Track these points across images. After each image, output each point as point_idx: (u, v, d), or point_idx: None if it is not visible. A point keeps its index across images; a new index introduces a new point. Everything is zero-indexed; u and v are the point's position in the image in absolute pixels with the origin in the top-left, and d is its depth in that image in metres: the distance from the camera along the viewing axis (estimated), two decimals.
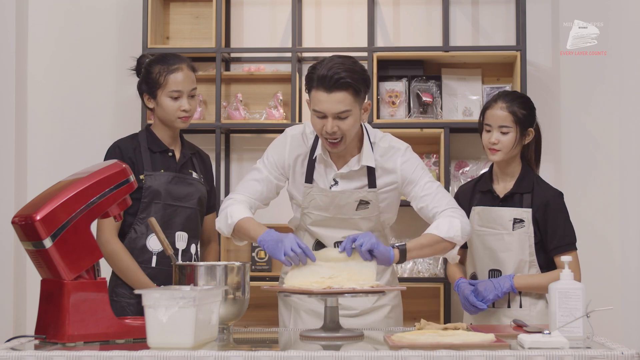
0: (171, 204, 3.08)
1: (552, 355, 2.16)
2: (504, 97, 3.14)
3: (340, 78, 2.75)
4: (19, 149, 4.39)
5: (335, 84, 2.75)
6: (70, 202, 2.41)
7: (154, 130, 3.17)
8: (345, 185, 2.96)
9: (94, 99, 4.52)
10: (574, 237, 3.09)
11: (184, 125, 3.13)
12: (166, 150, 3.15)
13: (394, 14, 4.54)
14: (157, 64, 3.11)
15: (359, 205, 2.95)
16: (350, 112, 2.79)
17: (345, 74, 2.76)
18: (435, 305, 4.23)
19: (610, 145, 4.37)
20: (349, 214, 2.96)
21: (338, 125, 2.80)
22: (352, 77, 2.77)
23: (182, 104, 3.09)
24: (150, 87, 3.10)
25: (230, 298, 2.59)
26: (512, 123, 3.09)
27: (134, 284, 3.02)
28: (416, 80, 4.41)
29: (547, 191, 3.11)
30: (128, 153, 3.09)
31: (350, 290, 2.55)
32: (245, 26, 4.58)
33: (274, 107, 4.40)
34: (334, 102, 2.77)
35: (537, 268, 3.08)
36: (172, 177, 3.10)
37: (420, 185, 2.96)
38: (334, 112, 2.78)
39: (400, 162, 2.97)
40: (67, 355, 2.17)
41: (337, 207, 2.96)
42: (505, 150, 3.09)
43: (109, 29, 4.53)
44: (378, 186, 2.95)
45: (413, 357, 2.14)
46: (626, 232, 4.30)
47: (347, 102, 2.78)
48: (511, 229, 3.08)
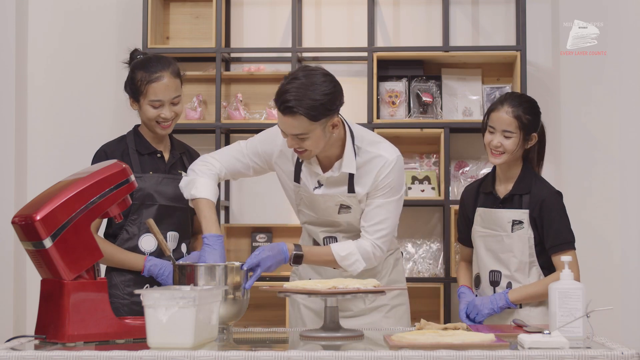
0: (162, 204, 3.08)
1: (552, 355, 2.16)
2: (511, 101, 3.10)
3: (288, 106, 2.67)
4: (19, 149, 4.39)
5: (286, 110, 2.68)
6: (70, 202, 2.40)
7: (141, 131, 3.16)
8: (327, 188, 2.92)
9: (94, 98, 4.52)
10: (571, 236, 3.08)
11: (165, 132, 3.10)
12: (154, 152, 3.14)
13: (394, 14, 4.54)
14: (139, 69, 3.06)
15: (340, 209, 2.93)
16: (306, 134, 2.72)
17: (295, 102, 2.66)
18: (435, 305, 4.23)
19: (610, 145, 4.37)
20: (332, 217, 2.96)
21: (298, 143, 2.75)
22: (302, 104, 2.66)
23: (162, 111, 3.05)
24: (133, 92, 3.08)
25: (230, 298, 2.59)
26: (516, 129, 3.06)
27: (125, 264, 3.01)
28: (416, 80, 4.41)
29: (544, 190, 3.10)
30: (115, 156, 3.05)
31: (351, 290, 2.55)
32: (245, 26, 4.58)
33: (274, 107, 4.39)
34: (288, 125, 2.71)
35: (538, 268, 3.08)
36: (161, 178, 3.09)
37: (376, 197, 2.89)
38: (289, 133, 2.73)
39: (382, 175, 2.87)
40: (67, 355, 2.17)
41: (321, 209, 2.96)
42: (507, 154, 3.08)
43: (108, 29, 4.53)
44: (358, 191, 2.89)
45: (413, 357, 2.14)
46: (626, 232, 4.30)
47: (302, 127, 2.69)
48: (510, 230, 3.08)
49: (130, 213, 3.04)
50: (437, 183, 4.33)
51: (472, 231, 3.20)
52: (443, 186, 4.25)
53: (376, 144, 2.93)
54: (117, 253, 3.02)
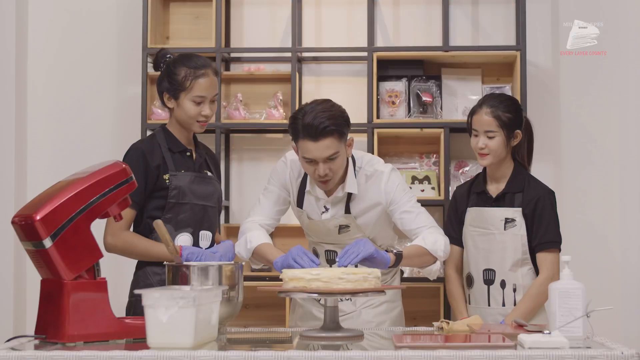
0: (197, 203, 3.07)
1: (552, 355, 2.16)
2: (489, 102, 3.15)
3: (325, 127, 2.87)
4: (19, 149, 4.39)
5: (322, 132, 2.87)
6: (70, 202, 2.40)
7: (170, 130, 3.13)
8: (333, 211, 3.09)
9: (94, 98, 4.52)
10: (557, 236, 3.11)
11: (201, 130, 3.10)
12: (184, 150, 3.12)
13: (394, 14, 4.54)
14: (182, 65, 3.04)
15: (340, 230, 3.08)
16: (338, 153, 2.92)
17: (329, 121, 2.88)
18: (435, 305, 4.23)
19: (610, 144, 4.37)
20: (333, 237, 3.10)
21: (329, 167, 2.93)
22: (335, 123, 2.89)
23: (203, 109, 3.04)
24: (174, 88, 3.04)
25: (224, 298, 2.58)
26: (497, 127, 3.10)
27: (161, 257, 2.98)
28: (416, 80, 4.41)
29: (537, 189, 3.13)
30: (153, 155, 3.04)
31: (351, 290, 2.55)
32: (245, 26, 4.58)
33: (274, 107, 4.40)
34: (323, 148, 2.89)
35: (531, 266, 3.11)
36: (194, 177, 3.08)
37: (401, 204, 3.06)
38: (324, 157, 2.91)
39: (383, 184, 3.06)
40: (67, 355, 2.17)
41: (322, 233, 3.11)
42: (493, 154, 3.12)
43: (108, 29, 4.53)
44: (362, 209, 3.06)
45: (413, 357, 2.14)
46: (626, 232, 4.30)
47: (334, 146, 2.90)
48: (503, 228, 3.10)
49: (165, 211, 3.02)
50: (437, 183, 4.34)
51: (464, 231, 3.22)
52: (443, 186, 4.25)
53: (371, 162, 3.13)
54: (152, 246, 3.00)
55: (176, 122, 3.11)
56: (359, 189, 3.06)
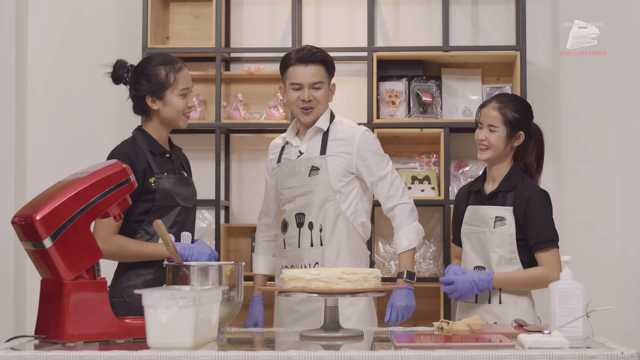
0: (180, 205, 3.09)
1: (552, 355, 2.16)
2: (499, 98, 3.23)
3: (315, 54, 3.33)
4: (19, 149, 4.39)
5: (312, 57, 3.31)
6: (70, 202, 2.41)
7: (149, 132, 3.15)
8: (307, 155, 3.37)
9: (94, 98, 4.51)
10: (554, 235, 3.12)
11: (185, 124, 3.18)
12: (164, 152, 3.14)
13: (393, 14, 4.54)
14: (157, 64, 3.10)
15: (310, 171, 3.32)
16: (322, 83, 3.34)
17: (319, 53, 3.35)
18: (435, 305, 4.23)
19: (609, 144, 4.37)
20: (304, 181, 3.33)
21: (313, 94, 3.31)
22: (324, 56, 3.35)
23: (189, 100, 3.14)
24: (157, 88, 3.08)
25: (224, 298, 2.58)
26: (500, 123, 3.16)
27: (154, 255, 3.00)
28: (416, 80, 4.41)
29: (529, 189, 3.15)
30: (138, 159, 3.05)
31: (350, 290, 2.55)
32: (245, 26, 4.58)
33: (274, 107, 4.40)
34: (310, 74, 3.31)
35: (520, 265, 3.12)
36: (176, 179, 3.10)
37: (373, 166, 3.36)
38: (310, 83, 3.31)
39: (358, 136, 3.36)
40: (67, 355, 2.17)
41: (295, 175, 3.35)
42: (493, 149, 3.17)
43: (108, 28, 4.53)
44: (330, 152, 3.33)
45: (413, 357, 2.14)
46: (626, 232, 4.30)
47: (320, 75, 3.33)
48: (492, 226, 3.12)
49: (151, 214, 3.03)
50: (437, 183, 4.33)
51: (461, 229, 3.24)
52: (443, 186, 4.25)
53: (349, 123, 3.45)
54: (143, 247, 3.01)
55: (158, 122, 3.14)
56: (332, 132, 3.35)
